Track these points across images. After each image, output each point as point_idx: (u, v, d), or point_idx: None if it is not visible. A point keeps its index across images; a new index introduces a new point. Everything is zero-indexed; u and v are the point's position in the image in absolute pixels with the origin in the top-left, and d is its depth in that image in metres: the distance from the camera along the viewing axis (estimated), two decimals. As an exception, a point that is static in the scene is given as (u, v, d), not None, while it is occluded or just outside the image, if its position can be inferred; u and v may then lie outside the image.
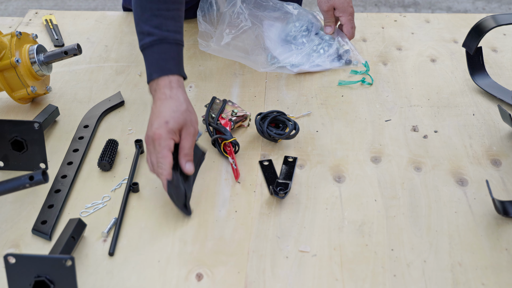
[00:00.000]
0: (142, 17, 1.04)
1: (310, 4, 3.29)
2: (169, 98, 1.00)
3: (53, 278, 0.80)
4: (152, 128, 0.98)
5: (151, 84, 1.03)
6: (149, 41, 1.03)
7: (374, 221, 0.97)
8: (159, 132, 0.96)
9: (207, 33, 1.38)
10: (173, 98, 1.00)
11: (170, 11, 1.04)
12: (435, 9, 3.41)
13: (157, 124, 0.97)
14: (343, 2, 1.37)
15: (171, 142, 0.97)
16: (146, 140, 0.99)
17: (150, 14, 1.03)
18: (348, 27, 1.39)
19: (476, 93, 1.29)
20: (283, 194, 1.00)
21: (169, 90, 1.01)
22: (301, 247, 0.93)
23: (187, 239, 0.94)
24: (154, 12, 1.03)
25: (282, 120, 1.14)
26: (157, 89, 1.01)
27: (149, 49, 1.03)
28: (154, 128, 0.97)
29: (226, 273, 0.89)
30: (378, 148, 1.13)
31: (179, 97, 1.01)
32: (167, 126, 0.97)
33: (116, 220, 0.97)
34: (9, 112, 1.24)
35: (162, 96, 1.00)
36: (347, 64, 1.38)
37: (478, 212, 0.99)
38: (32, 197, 1.03)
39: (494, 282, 0.87)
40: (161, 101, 1.00)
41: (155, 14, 1.03)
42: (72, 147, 1.13)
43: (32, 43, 1.24)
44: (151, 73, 1.03)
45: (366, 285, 0.87)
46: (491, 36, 1.47)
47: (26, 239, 0.95)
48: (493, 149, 1.13)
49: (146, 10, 1.04)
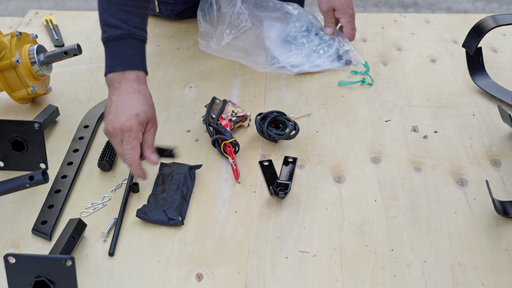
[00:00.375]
0: (109, 10, 1.05)
1: (310, 4, 3.29)
2: (137, 92, 1.01)
3: (53, 278, 0.80)
4: (119, 119, 0.98)
5: (112, 76, 1.03)
6: (116, 34, 1.04)
7: (374, 222, 0.97)
8: (130, 123, 0.97)
9: (207, 33, 1.38)
10: (141, 92, 1.02)
11: (137, 8, 1.06)
12: (435, 10, 3.42)
13: (126, 116, 0.98)
14: (342, 3, 1.37)
15: (140, 134, 0.99)
16: (111, 131, 0.98)
17: (118, 9, 1.05)
18: (348, 28, 1.39)
19: (476, 93, 1.29)
20: (283, 194, 1.00)
21: (137, 84, 1.02)
22: (301, 247, 0.93)
23: (187, 239, 0.94)
24: (122, 7, 1.05)
25: (282, 121, 1.14)
26: (122, 82, 1.02)
27: (115, 42, 1.04)
28: (123, 119, 0.98)
29: (226, 273, 0.89)
30: (378, 149, 1.13)
31: (146, 92, 1.03)
32: (138, 119, 0.98)
33: (116, 220, 0.97)
34: (9, 112, 1.24)
35: (129, 90, 1.01)
36: (347, 64, 1.38)
37: (478, 213, 0.99)
38: (32, 197, 1.03)
39: (494, 282, 0.87)
40: (128, 94, 1.01)
41: (123, 9, 1.05)
42: (72, 147, 1.13)
43: (32, 43, 1.24)
44: (114, 65, 1.03)
45: (366, 285, 0.87)
46: (491, 36, 1.47)
47: (26, 239, 0.95)
48: (493, 150, 1.13)
49: (113, 4, 1.05)
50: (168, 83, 1.33)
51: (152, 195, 1.01)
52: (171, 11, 1.52)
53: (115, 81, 1.03)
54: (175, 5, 1.50)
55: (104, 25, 1.06)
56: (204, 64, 1.40)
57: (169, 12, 1.52)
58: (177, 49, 1.46)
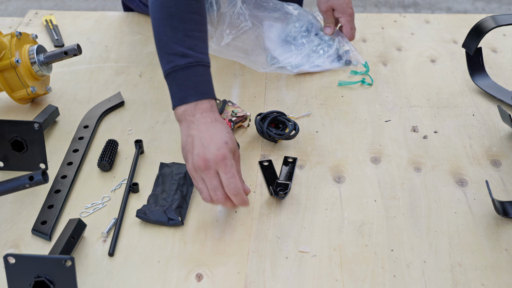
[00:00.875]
0: (174, 38, 0.98)
1: (310, 4, 3.29)
2: (216, 121, 0.95)
3: (53, 278, 0.80)
4: (209, 150, 0.91)
5: (184, 108, 0.96)
6: (183, 63, 0.97)
7: (374, 222, 0.97)
8: (223, 152, 0.91)
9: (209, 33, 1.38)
10: (218, 121, 0.96)
11: (201, 32, 1.00)
12: (435, 10, 3.42)
13: (215, 146, 0.92)
14: (341, 3, 1.37)
15: (234, 162, 0.93)
16: (202, 164, 0.91)
17: (183, 35, 0.98)
18: (348, 28, 1.39)
19: (476, 93, 1.29)
20: (283, 194, 1.00)
21: (212, 113, 0.96)
22: (301, 247, 0.93)
23: (187, 239, 0.94)
24: (187, 32, 0.98)
25: (282, 121, 1.14)
26: (195, 114, 0.95)
27: (183, 71, 0.97)
28: (213, 150, 0.91)
29: (226, 274, 0.89)
30: (378, 149, 1.13)
31: (223, 120, 0.98)
32: (228, 147, 0.92)
33: (116, 220, 0.97)
34: (9, 112, 1.24)
35: (207, 120, 0.95)
36: (347, 64, 1.38)
37: (478, 213, 0.99)
38: (32, 197, 1.03)
39: (493, 282, 0.87)
40: (207, 124, 0.94)
41: (188, 35, 0.98)
42: (72, 147, 1.13)
43: (32, 43, 1.24)
44: (186, 96, 0.96)
45: (366, 285, 0.87)
46: (491, 36, 1.47)
47: (26, 239, 0.95)
48: (493, 150, 1.13)
49: (178, 31, 0.98)
50: (168, 83, 1.33)
51: (152, 195, 1.01)
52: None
53: (188, 114, 0.96)
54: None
55: (169, 55, 0.98)
56: (204, 64, 1.40)
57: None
58: (177, 49, 1.46)
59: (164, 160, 1.09)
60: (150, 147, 1.14)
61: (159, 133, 1.17)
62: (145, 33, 1.52)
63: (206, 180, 0.92)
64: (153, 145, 1.14)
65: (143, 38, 1.50)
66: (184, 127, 0.96)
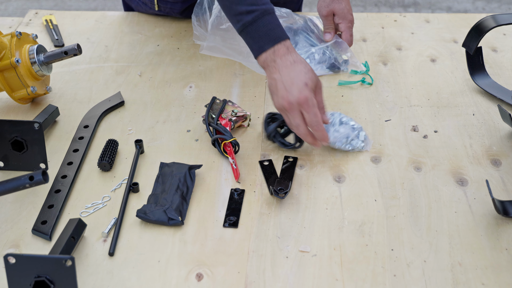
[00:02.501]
0: (235, 0, 1.08)
1: (311, 4, 3.29)
2: (295, 63, 1.05)
3: (53, 278, 0.80)
4: (292, 93, 1.02)
5: (264, 56, 1.07)
6: (251, 18, 1.06)
7: (374, 221, 0.97)
8: (304, 95, 1.02)
9: (202, 36, 1.39)
10: (297, 61, 1.06)
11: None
12: (435, 9, 3.42)
13: (297, 89, 1.02)
14: (343, 8, 1.36)
15: (315, 100, 1.04)
16: (288, 106, 1.03)
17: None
18: (347, 34, 1.38)
19: (476, 93, 1.29)
20: (283, 194, 1.00)
21: (290, 55, 1.06)
22: (301, 247, 0.93)
23: (187, 239, 0.94)
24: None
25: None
26: (275, 59, 1.05)
27: (252, 26, 1.07)
28: (296, 93, 1.02)
29: (226, 273, 0.89)
30: (378, 148, 1.13)
31: (301, 59, 1.07)
32: (308, 88, 1.03)
33: (116, 220, 0.97)
34: (9, 112, 1.24)
35: (286, 63, 1.05)
36: (336, 72, 1.36)
37: (478, 212, 0.99)
38: (32, 197, 1.03)
39: (494, 282, 0.87)
40: (287, 68, 1.05)
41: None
42: (72, 147, 1.13)
43: (32, 43, 1.24)
44: (262, 45, 1.07)
45: (366, 285, 0.87)
46: (491, 36, 1.47)
47: (26, 239, 0.95)
48: (493, 149, 1.13)
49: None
50: (168, 83, 1.33)
51: (152, 195, 1.01)
52: (171, 9, 1.52)
53: (269, 60, 1.06)
54: (174, 3, 1.50)
55: (236, 15, 1.08)
56: (204, 64, 1.40)
57: (168, 10, 1.52)
58: (177, 49, 1.46)
59: (164, 160, 1.09)
60: (150, 147, 1.14)
61: (159, 133, 1.17)
62: (145, 33, 1.52)
63: (290, 118, 1.05)
64: (153, 145, 1.14)
65: (143, 38, 1.50)
66: (268, 72, 1.08)
